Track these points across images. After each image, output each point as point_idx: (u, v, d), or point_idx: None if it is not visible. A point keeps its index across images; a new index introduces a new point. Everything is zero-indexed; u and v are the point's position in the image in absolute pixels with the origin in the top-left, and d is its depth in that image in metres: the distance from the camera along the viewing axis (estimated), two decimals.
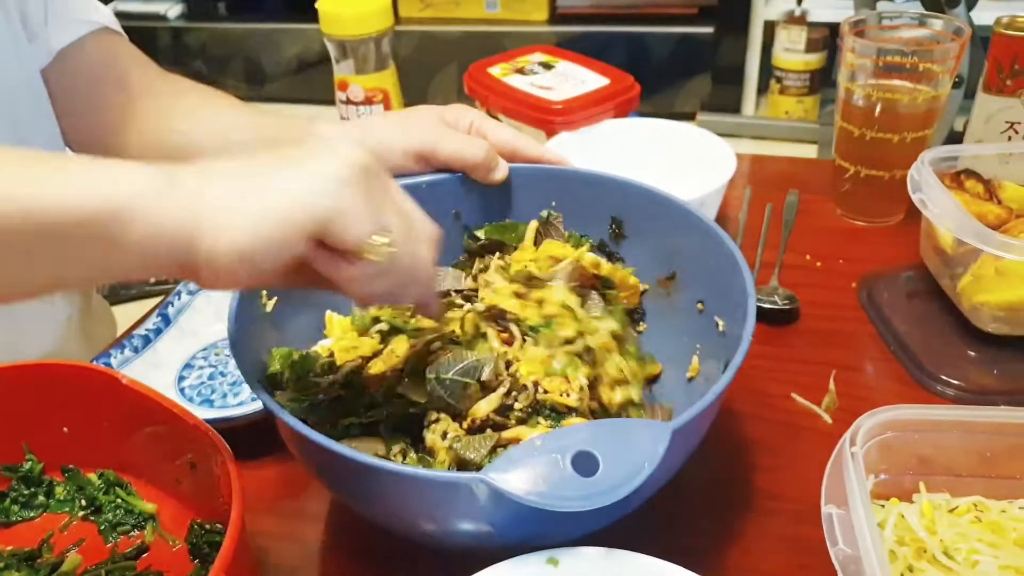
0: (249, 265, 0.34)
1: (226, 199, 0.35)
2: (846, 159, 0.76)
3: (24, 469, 0.49)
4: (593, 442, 0.36)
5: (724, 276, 0.48)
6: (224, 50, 2.55)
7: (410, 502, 0.39)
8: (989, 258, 0.57)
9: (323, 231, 0.35)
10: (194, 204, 0.34)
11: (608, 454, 0.35)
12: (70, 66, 0.63)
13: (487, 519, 0.38)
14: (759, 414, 0.56)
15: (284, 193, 0.35)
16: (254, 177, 0.36)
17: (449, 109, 0.59)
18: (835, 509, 0.41)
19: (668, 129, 0.77)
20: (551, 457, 0.35)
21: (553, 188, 0.57)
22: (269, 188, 0.35)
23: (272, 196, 0.35)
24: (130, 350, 0.60)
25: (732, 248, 0.48)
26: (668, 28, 2.26)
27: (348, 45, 0.76)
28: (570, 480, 0.34)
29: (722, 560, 0.46)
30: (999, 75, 0.73)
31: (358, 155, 0.37)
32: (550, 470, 0.35)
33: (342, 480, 0.42)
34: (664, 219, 0.54)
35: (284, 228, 0.34)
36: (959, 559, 0.42)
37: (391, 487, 0.38)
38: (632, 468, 0.35)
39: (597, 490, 0.34)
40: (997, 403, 0.56)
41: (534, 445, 0.36)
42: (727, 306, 0.48)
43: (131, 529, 0.47)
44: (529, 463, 0.35)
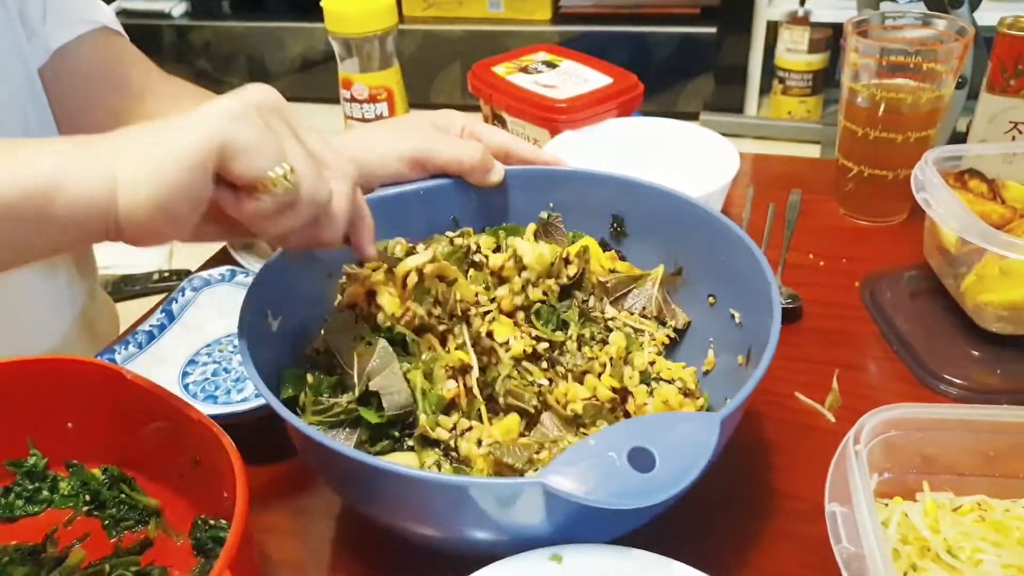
0: (165, 214, 0.36)
1: (135, 154, 0.36)
2: (849, 159, 0.76)
3: (28, 464, 0.49)
4: (646, 438, 0.35)
5: (738, 267, 0.48)
6: (228, 48, 2.55)
7: (466, 512, 0.38)
8: (993, 257, 0.57)
9: (221, 165, 0.36)
10: (109, 165, 0.36)
11: (663, 449, 0.35)
12: (67, 65, 0.63)
13: (543, 523, 0.37)
14: (762, 413, 0.56)
15: (182, 135, 0.36)
16: (159, 130, 0.37)
17: (440, 114, 0.59)
18: (839, 507, 0.41)
19: (671, 128, 0.77)
20: (607, 456, 0.35)
21: (551, 189, 0.57)
22: (170, 135, 0.36)
23: (173, 141, 0.36)
24: (134, 346, 0.61)
25: (745, 238, 0.48)
26: (671, 28, 2.26)
27: (353, 43, 0.76)
28: (628, 477, 0.34)
29: (725, 557, 0.46)
30: (1003, 75, 0.73)
31: (257, 93, 0.38)
32: (607, 469, 0.34)
33: (388, 498, 0.40)
34: (668, 214, 0.53)
35: (186, 168, 0.35)
36: (963, 558, 0.42)
37: (445, 499, 0.37)
38: (688, 461, 0.35)
39: (656, 485, 0.34)
40: (1001, 402, 0.56)
41: (588, 445, 0.36)
42: (744, 297, 0.48)
43: (135, 524, 0.47)
44: (585, 463, 0.35)
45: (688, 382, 0.49)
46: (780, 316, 0.43)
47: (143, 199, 0.35)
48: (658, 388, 0.48)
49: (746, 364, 0.48)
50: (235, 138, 0.36)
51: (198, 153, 0.35)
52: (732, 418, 0.38)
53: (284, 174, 0.37)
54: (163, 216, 0.36)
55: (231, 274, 0.66)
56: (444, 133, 0.57)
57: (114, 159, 0.36)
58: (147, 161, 0.36)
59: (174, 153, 0.35)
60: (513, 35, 2.32)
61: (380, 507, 0.42)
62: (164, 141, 0.36)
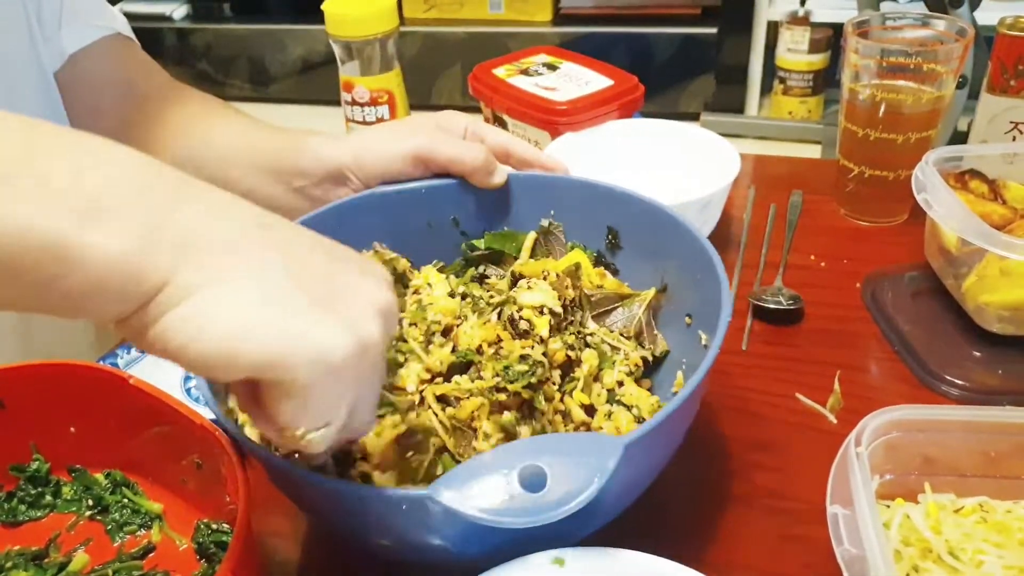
0: (178, 363, 0.29)
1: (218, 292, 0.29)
2: (850, 159, 0.76)
3: (31, 469, 0.49)
4: (542, 457, 0.35)
5: (707, 287, 0.47)
6: (229, 51, 2.55)
7: (366, 519, 0.39)
8: (994, 258, 0.57)
9: (264, 388, 0.30)
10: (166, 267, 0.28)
11: (556, 469, 0.34)
12: (80, 70, 0.64)
13: (442, 535, 0.38)
14: (764, 414, 0.56)
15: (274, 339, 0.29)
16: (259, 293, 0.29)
17: (443, 115, 0.59)
18: (840, 509, 0.41)
19: (672, 129, 0.77)
20: (499, 473, 0.34)
21: (551, 196, 0.56)
22: (267, 322, 0.29)
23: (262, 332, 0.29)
24: (137, 350, 0.61)
25: (712, 256, 0.46)
26: (671, 29, 2.26)
27: (353, 46, 0.76)
28: (517, 496, 0.34)
29: (728, 559, 0.46)
30: (1003, 75, 0.73)
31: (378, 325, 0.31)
32: (498, 486, 0.34)
33: (303, 500, 0.43)
34: (655, 229, 0.52)
35: (236, 366, 0.29)
36: (964, 559, 0.42)
37: (348, 505, 0.39)
38: (581, 483, 0.34)
39: (544, 505, 0.33)
40: (1002, 403, 0.55)
41: (483, 461, 0.35)
42: (710, 319, 0.46)
43: (138, 529, 0.48)
44: (478, 479, 0.34)
45: (643, 411, 0.48)
46: (719, 346, 0.41)
47: (189, 346, 0.28)
48: (615, 412, 0.47)
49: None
50: (304, 390, 0.29)
51: (260, 367, 0.29)
52: (641, 443, 0.36)
53: (316, 437, 0.32)
54: (184, 364, 0.29)
55: None
56: (447, 133, 0.57)
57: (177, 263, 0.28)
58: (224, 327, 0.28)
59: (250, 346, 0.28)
60: (514, 36, 2.33)
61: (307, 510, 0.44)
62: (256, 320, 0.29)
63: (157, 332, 0.29)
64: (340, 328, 0.30)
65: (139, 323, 0.29)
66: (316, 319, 0.30)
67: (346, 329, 0.30)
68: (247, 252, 0.30)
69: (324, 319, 0.30)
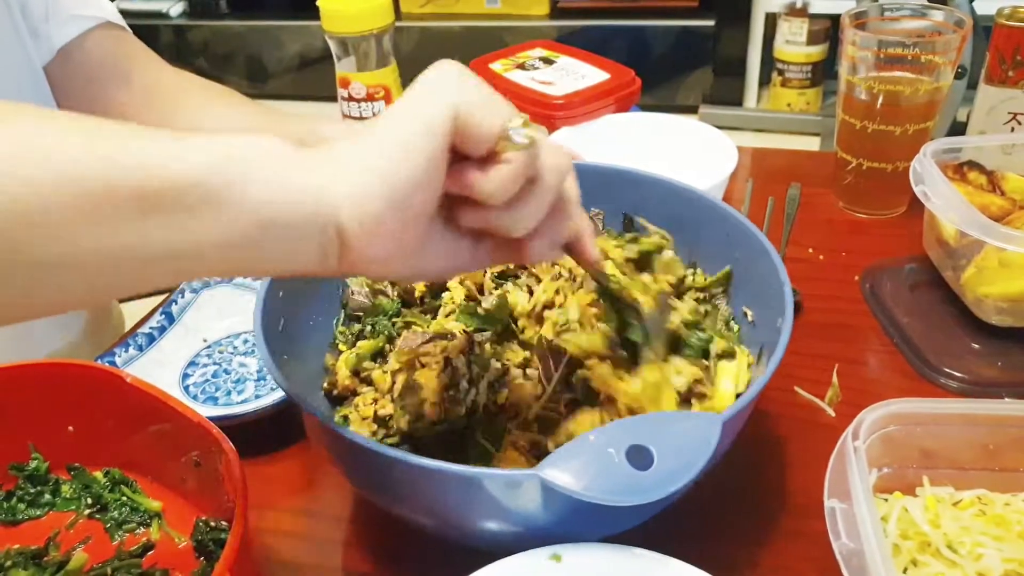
0: (404, 204, 0.31)
1: (356, 152, 0.31)
2: (848, 152, 0.75)
3: (30, 468, 0.49)
4: (646, 436, 0.35)
5: (752, 265, 0.48)
6: (226, 48, 2.55)
7: (468, 501, 0.38)
8: (992, 250, 0.57)
9: (459, 128, 0.32)
10: (324, 163, 0.31)
11: (661, 447, 0.35)
12: (72, 63, 0.63)
13: (542, 515, 0.37)
14: (762, 408, 0.56)
15: (409, 115, 0.32)
16: (373, 128, 0.32)
17: None
18: (838, 503, 0.41)
19: (669, 123, 0.77)
20: (605, 452, 0.35)
21: None
22: (393, 124, 0.32)
23: (399, 126, 0.31)
24: (134, 348, 0.61)
25: (760, 236, 0.48)
26: (669, 21, 2.26)
27: (349, 42, 0.76)
28: (625, 474, 0.34)
29: (724, 554, 0.46)
30: (1001, 66, 0.72)
31: (458, 67, 0.34)
32: (605, 465, 0.34)
33: (390, 483, 0.41)
34: (682, 210, 0.53)
35: (425, 136, 0.31)
36: (963, 552, 0.42)
37: (449, 488, 0.38)
38: (686, 460, 0.35)
39: (652, 483, 0.34)
40: (1001, 395, 0.55)
41: (587, 440, 0.36)
42: (756, 295, 0.48)
43: (136, 527, 0.48)
44: (583, 459, 0.35)
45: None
46: (792, 318, 0.43)
47: (381, 184, 0.30)
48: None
49: (757, 363, 0.48)
50: (468, 98, 0.32)
51: (432, 124, 0.31)
52: (735, 419, 0.38)
53: (521, 124, 0.33)
54: (396, 214, 0.31)
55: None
56: None
57: (328, 157, 0.31)
58: (378, 153, 0.31)
59: (411, 133, 0.31)
60: (511, 31, 2.32)
61: (383, 492, 0.42)
62: (393, 130, 0.32)
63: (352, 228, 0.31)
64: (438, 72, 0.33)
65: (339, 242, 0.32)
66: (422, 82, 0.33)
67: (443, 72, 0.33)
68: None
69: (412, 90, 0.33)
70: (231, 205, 0.30)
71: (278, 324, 0.46)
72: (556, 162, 0.35)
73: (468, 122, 0.32)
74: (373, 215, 0.31)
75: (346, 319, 0.54)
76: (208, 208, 0.29)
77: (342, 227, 0.31)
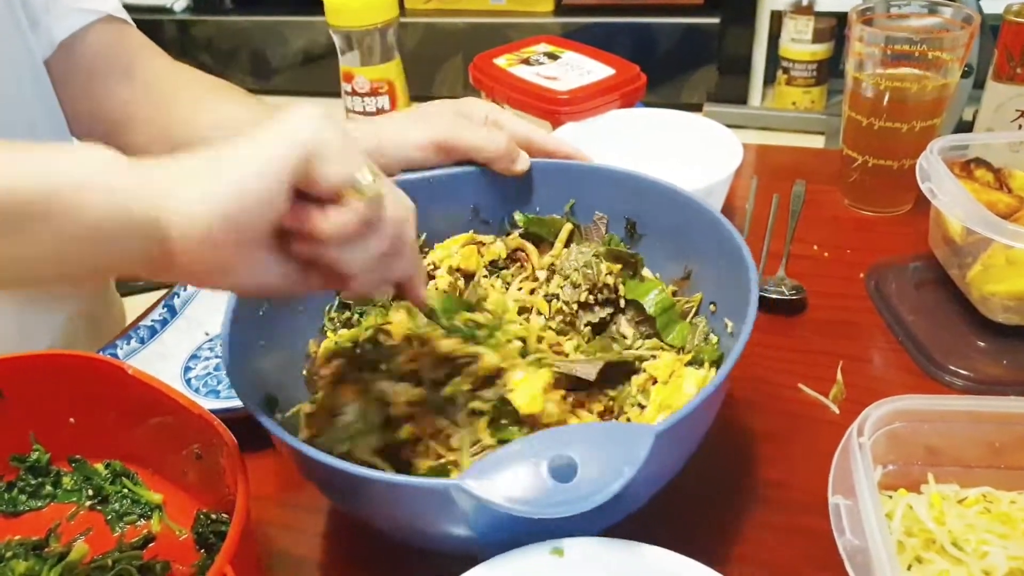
0: (233, 230, 0.32)
1: (197, 170, 0.33)
2: (854, 149, 0.75)
3: (32, 459, 0.49)
4: (572, 447, 0.35)
5: (731, 272, 0.47)
6: (230, 43, 2.54)
7: (395, 508, 0.39)
8: (999, 247, 0.56)
9: (308, 169, 0.33)
10: (162, 178, 0.32)
11: (587, 459, 0.34)
12: (74, 56, 0.62)
13: (470, 524, 0.37)
14: (766, 405, 0.56)
15: (258, 148, 0.33)
16: (222, 150, 0.34)
17: (463, 102, 0.58)
18: (842, 500, 0.41)
19: (674, 119, 0.76)
20: (529, 462, 0.34)
21: (572, 183, 0.56)
22: (241, 152, 0.33)
23: (246, 155, 0.33)
24: (136, 341, 0.61)
25: (738, 240, 0.47)
26: (674, 19, 2.25)
27: (353, 36, 0.76)
28: (547, 486, 0.33)
29: (728, 550, 0.46)
30: (1009, 63, 0.72)
31: (323, 112, 0.35)
32: (528, 476, 0.34)
33: (327, 486, 0.42)
34: (676, 215, 0.52)
35: (266, 175, 0.32)
36: (968, 550, 0.41)
37: (376, 495, 0.38)
38: (611, 473, 0.34)
39: (574, 496, 0.33)
40: (1007, 393, 0.55)
41: (513, 450, 0.35)
42: (734, 305, 0.47)
43: (137, 519, 0.48)
44: (507, 469, 0.34)
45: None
46: (751, 328, 0.41)
47: (211, 211, 0.32)
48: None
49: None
50: (323, 137, 0.33)
51: (274, 167, 0.32)
52: (674, 431, 0.36)
53: (370, 181, 0.35)
54: (231, 235, 0.32)
55: None
56: (467, 120, 0.57)
57: (166, 173, 0.33)
58: (216, 176, 0.32)
59: (253, 163, 0.32)
60: (515, 27, 2.31)
61: (339, 501, 0.44)
62: (238, 156, 0.33)
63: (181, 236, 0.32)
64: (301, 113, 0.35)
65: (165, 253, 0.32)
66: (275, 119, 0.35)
67: (304, 114, 0.35)
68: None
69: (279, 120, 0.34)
70: (60, 215, 0.31)
71: (259, 308, 0.46)
72: (396, 214, 0.37)
73: (314, 170, 0.33)
74: (201, 234, 0.32)
75: (339, 305, 0.54)
76: (40, 219, 0.31)
77: (169, 241, 0.32)
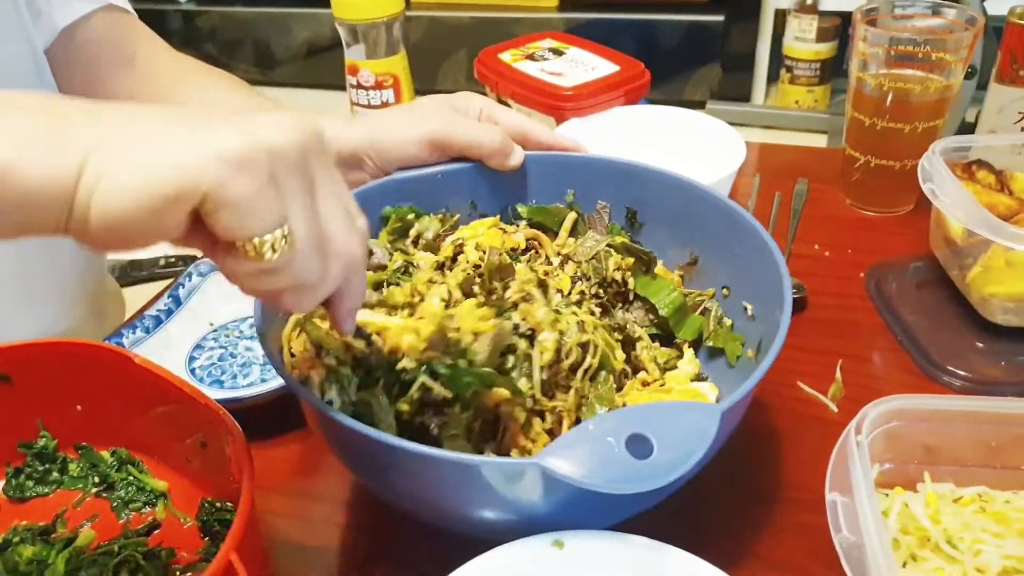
0: (120, 235, 0.30)
1: (112, 156, 0.30)
2: (856, 148, 0.75)
3: (39, 446, 0.49)
4: (646, 425, 0.35)
5: (752, 259, 0.48)
6: (235, 34, 2.54)
7: (470, 490, 0.38)
8: (999, 249, 0.57)
9: (202, 211, 0.30)
10: (83, 155, 0.30)
11: (661, 437, 0.35)
12: (75, 45, 0.63)
13: (543, 503, 0.38)
14: (765, 402, 0.56)
15: (173, 155, 0.29)
16: (151, 131, 0.31)
17: (457, 96, 0.59)
18: (839, 497, 0.42)
19: (678, 116, 0.76)
20: (605, 441, 0.35)
21: (568, 175, 0.57)
22: (161, 147, 0.30)
23: (160, 156, 0.30)
24: (142, 330, 0.61)
25: (760, 230, 0.48)
26: (678, 16, 2.25)
27: (359, 29, 0.76)
28: (625, 463, 0.34)
29: (726, 545, 0.46)
30: (1012, 65, 0.72)
31: (280, 135, 0.31)
32: (605, 454, 0.35)
33: (378, 469, 0.41)
34: (683, 203, 0.53)
35: (156, 200, 0.29)
36: (962, 548, 0.42)
37: (444, 475, 0.38)
38: (686, 449, 0.35)
39: (651, 472, 0.34)
40: (1005, 394, 0.55)
41: (587, 429, 0.36)
42: (756, 289, 0.48)
43: (143, 506, 0.48)
44: (583, 447, 0.35)
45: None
46: (790, 311, 0.43)
47: (101, 215, 0.30)
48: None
49: (755, 357, 0.48)
50: (222, 190, 0.29)
51: (176, 190, 0.29)
52: (734, 410, 0.39)
53: (273, 242, 0.31)
54: (118, 237, 0.30)
55: None
56: (462, 115, 0.57)
57: (88, 152, 0.30)
58: (123, 171, 0.30)
59: (154, 175, 0.29)
60: (520, 22, 2.31)
61: (384, 481, 0.43)
62: (159, 152, 0.30)
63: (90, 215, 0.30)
64: (232, 131, 0.30)
65: (79, 220, 0.30)
66: (203, 129, 0.30)
67: (239, 132, 0.30)
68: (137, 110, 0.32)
69: (211, 127, 0.30)
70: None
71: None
72: (303, 271, 0.33)
73: (209, 215, 0.30)
74: (102, 224, 0.30)
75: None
76: None
77: (75, 216, 0.30)
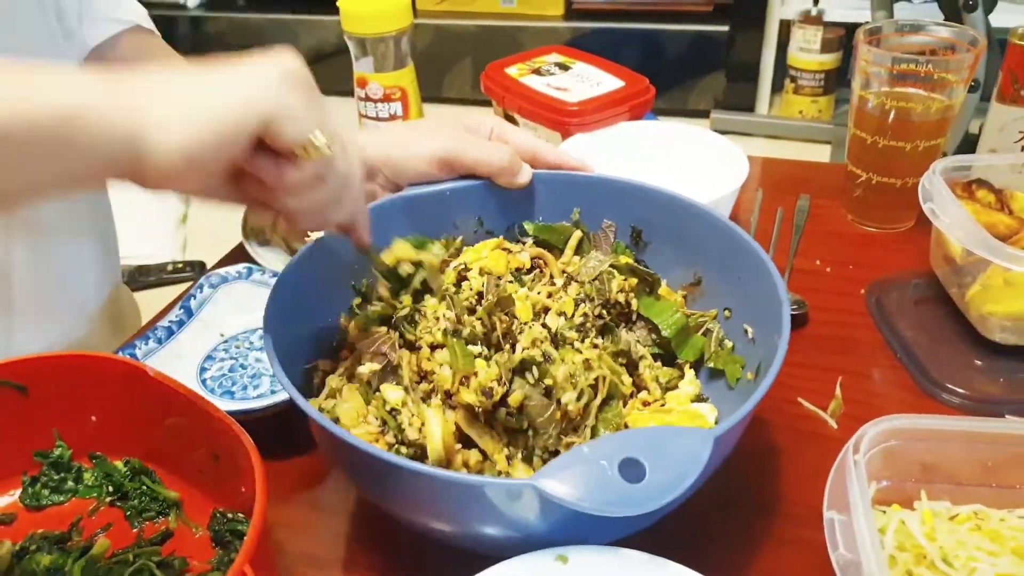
0: (196, 164, 0.36)
1: (172, 99, 0.36)
2: (858, 166, 0.76)
3: (54, 455, 0.50)
4: (639, 449, 0.36)
5: (753, 283, 0.49)
6: (243, 40, 2.56)
7: (468, 509, 0.40)
8: (998, 269, 0.57)
9: (265, 128, 0.36)
10: (141, 105, 0.35)
11: (654, 460, 0.36)
12: (104, 62, 0.64)
13: (540, 523, 0.39)
14: (765, 418, 0.57)
15: (228, 92, 0.36)
16: (200, 80, 0.37)
17: (470, 117, 0.60)
18: (837, 515, 0.42)
19: (682, 132, 0.77)
20: (598, 464, 0.36)
21: (574, 194, 0.58)
22: (214, 89, 0.36)
23: (218, 96, 0.36)
24: (154, 341, 0.62)
25: (761, 254, 0.49)
26: (683, 25, 2.26)
27: (368, 43, 0.77)
28: (618, 486, 0.35)
29: (724, 561, 0.47)
30: (1013, 85, 0.73)
31: (298, 64, 0.39)
32: (598, 476, 0.36)
33: (377, 484, 0.43)
34: (688, 225, 0.54)
35: (228, 125, 0.36)
36: (957, 566, 0.43)
37: (438, 492, 0.39)
38: (678, 474, 0.36)
39: (644, 496, 0.35)
40: (1002, 413, 0.56)
41: (582, 452, 0.37)
42: (757, 313, 0.49)
43: (156, 516, 0.49)
44: (577, 469, 0.36)
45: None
46: (788, 338, 0.44)
47: (175, 145, 0.35)
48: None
49: (755, 380, 0.49)
50: (283, 103, 0.36)
51: (245, 113, 0.36)
52: (728, 436, 0.39)
53: (327, 141, 0.38)
54: (194, 167, 0.36)
55: (248, 272, 0.68)
56: (473, 134, 0.58)
57: (150, 97, 0.36)
58: (187, 110, 0.36)
59: (220, 109, 0.36)
60: (525, 31, 2.33)
61: (389, 499, 0.44)
62: (211, 93, 0.36)
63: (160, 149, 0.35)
64: (267, 63, 0.38)
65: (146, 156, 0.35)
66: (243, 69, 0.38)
67: (272, 63, 0.38)
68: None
69: (248, 66, 0.38)
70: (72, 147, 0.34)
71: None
72: (347, 171, 0.41)
73: (278, 127, 0.36)
74: (169, 162, 0.35)
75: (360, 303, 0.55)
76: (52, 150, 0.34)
77: (144, 160, 0.35)
